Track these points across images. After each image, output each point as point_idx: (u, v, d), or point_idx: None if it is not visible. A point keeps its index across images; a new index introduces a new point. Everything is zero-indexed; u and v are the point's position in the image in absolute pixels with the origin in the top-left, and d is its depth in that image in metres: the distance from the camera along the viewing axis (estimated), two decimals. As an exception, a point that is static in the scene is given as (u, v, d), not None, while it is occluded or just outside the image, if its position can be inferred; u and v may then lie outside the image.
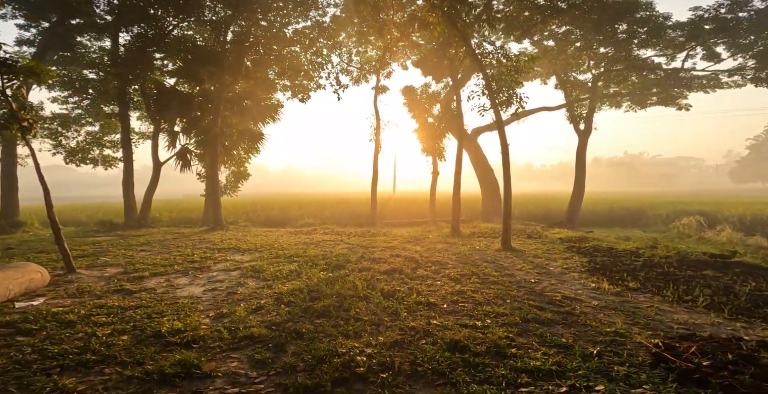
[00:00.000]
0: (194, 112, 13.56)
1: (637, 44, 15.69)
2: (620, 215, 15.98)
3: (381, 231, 13.05)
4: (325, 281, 5.62)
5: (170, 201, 25.13)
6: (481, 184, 16.48)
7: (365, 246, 9.30)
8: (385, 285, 5.39)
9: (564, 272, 6.44)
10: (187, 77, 13.74)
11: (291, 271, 6.39)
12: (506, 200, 8.74)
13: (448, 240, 10.41)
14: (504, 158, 8.91)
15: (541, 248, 8.91)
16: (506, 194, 8.73)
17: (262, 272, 6.33)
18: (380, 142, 15.33)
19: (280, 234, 11.62)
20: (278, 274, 6.15)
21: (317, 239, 10.61)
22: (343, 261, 7.22)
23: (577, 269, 6.61)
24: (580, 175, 13.19)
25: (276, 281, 5.75)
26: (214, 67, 12.95)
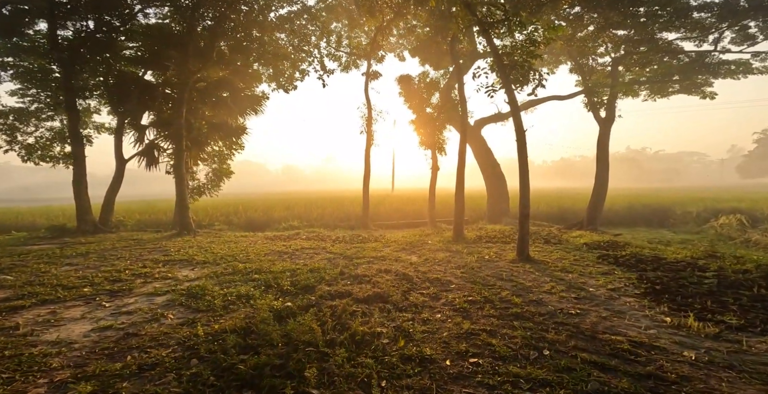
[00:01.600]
0: (159, 103, 11.86)
1: (659, 27, 13.93)
2: (642, 214, 14.28)
3: (373, 235, 11.37)
4: (277, 316, 3.94)
5: (150, 202, 23.50)
6: (487, 181, 14.77)
7: (349, 256, 7.62)
8: (361, 325, 3.70)
9: (612, 296, 4.72)
10: (145, 64, 12.03)
11: (240, 296, 4.71)
12: (524, 198, 7.03)
13: (451, 247, 8.71)
14: (520, 147, 7.19)
15: (567, 258, 7.20)
16: (523, 191, 7.02)
17: (200, 297, 4.65)
18: (372, 135, 13.63)
19: (255, 240, 9.94)
20: (220, 301, 4.47)
21: (295, 246, 8.93)
22: (314, 280, 5.54)
23: (629, 291, 4.89)
24: (603, 168, 11.49)
25: (210, 314, 4.07)
26: (177, 51, 11.26)
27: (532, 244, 8.88)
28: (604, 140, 11.53)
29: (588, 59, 13.92)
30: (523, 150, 7.19)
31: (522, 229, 6.96)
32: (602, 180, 11.39)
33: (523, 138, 7.28)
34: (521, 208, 7.04)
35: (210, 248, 8.59)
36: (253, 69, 15.64)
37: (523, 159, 7.13)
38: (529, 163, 7.40)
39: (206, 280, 5.58)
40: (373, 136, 13.58)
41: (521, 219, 7.02)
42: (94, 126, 15.21)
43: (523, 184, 7.04)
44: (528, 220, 7.00)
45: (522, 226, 6.97)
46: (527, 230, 6.99)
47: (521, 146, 7.20)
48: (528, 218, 7.00)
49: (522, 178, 7.07)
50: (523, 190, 7.04)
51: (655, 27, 13.61)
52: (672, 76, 15.34)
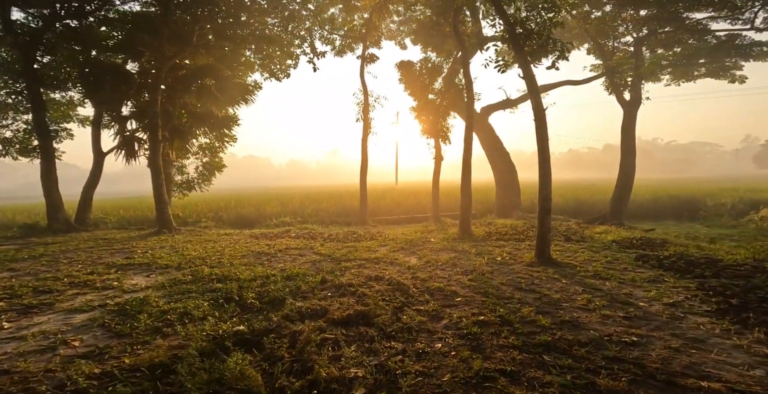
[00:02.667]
0: (136, 92, 10.80)
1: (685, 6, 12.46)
2: (670, 206, 12.97)
3: (371, 232, 10.28)
4: (210, 350, 2.87)
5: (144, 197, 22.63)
6: (495, 172, 13.54)
7: (337, 259, 6.54)
8: (329, 364, 2.61)
9: (675, 315, 3.55)
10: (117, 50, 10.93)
11: (185, 314, 3.66)
12: (544, 189, 5.85)
13: (456, 246, 7.57)
14: (539, 129, 5.99)
15: (597, 259, 6.02)
16: (544, 181, 5.84)
17: (132, 315, 3.61)
18: (370, 122, 12.46)
19: (238, 239, 8.92)
20: (153, 322, 3.42)
21: (280, 246, 7.87)
22: (288, 291, 4.47)
23: (695, 307, 3.72)
24: (628, 156, 10.17)
25: (130, 341, 3.02)
26: (150, 36, 10.17)
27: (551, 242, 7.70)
28: (630, 125, 10.22)
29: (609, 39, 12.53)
30: (543, 132, 5.99)
31: (542, 226, 5.79)
32: (628, 169, 10.08)
33: (542, 118, 6.08)
34: (541, 201, 5.86)
35: (183, 248, 7.57)
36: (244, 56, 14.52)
37: (543, 143, 5.93)
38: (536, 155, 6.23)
39: (154, 291, 4.54)
40: (370, 125, 12.42)
41: (541, 214, 5.84)
42: (78, 119, 14.26)
43: (544, 172, 5.85)
44: (549, 215, 5.83)
45: (542, 222, 5.80)
46: (548, 228, 5.82)
47: (541, 127, 6.00)
48: (549, 213, 5.83)
49: (542, 166, 5.88)
50: (544, 180, 5.85)
51: (679, 6, 12.17)
52: (699, 59, 13.88)
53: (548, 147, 5.95)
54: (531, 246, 7.41)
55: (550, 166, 5.82)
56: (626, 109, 10.37)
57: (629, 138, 10.14)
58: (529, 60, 6.32)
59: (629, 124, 10.18)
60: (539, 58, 6.47)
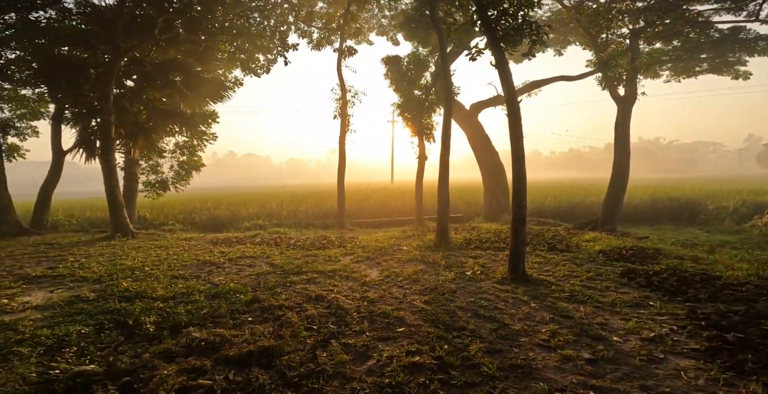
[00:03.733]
0: (89, 86, 10.05)
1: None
2: (668, 209, 12.19)
3: (345, 236, 9.57)
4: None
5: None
6: (483, 172, 12.80)
7: (289, 271, 5.84)
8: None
9: (653, 356, 2.81)
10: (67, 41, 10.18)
11: (52, 344, 2.95)
12: (518, 194, 5.10)
13: (428, 256, 6.84)
14: (513, 127, 5.25)
15: (578, 274, 5.29)
16: (518, 184, 5.09)
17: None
18: (348, 119, 11.72)
19: (195, 245, 8.22)
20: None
21: (236, 253, 7.17)
22: (200, 314, 3.76)
23: (680, 344, 2.97)
24: (622, 156, 9.34)
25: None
26: (103, 27, 9.45)
27: (532, 251, 6.96)
28: (624, 122, 9.43)
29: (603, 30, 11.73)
30: (517, 129, 5.24)
31: (516, 237, 5.04)
32: (621, 170, 9.27)
33: (516, 112, 5.33)
34: (515, 208, 5.11)
35: (123, 257, 6.87)
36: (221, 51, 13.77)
37: (517, 141, 5.18)
38: (536, 154, 5.53)
39: (40, 311, 3.84)
40: (349, 122, 11.68)
41: (514, 223, 5.09)
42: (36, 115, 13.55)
43: (518, 176, 5.10)
44: (524, 224, 5.07)
45: (516, 233, 5.06)
46: (523, 239, 5.07)
47: (515, 123, 5.25)
48: (524, 222, 5.07)
49: (516, 168, 5.13)
50: (518, 184, 5.10)
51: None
52: (700, 53, 13.07)
53: (522, 146, 5.20)
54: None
55: (524, 168, 5.07)
56: (620, 105, 9.59)
57: (623, 136, 9.36)
58: (502, 46, 5.56)
59: (623, 121, 9.40)
60: (513, 43, 5.69)
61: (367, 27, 19.93)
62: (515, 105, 5.28)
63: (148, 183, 13.95)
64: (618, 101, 9.76)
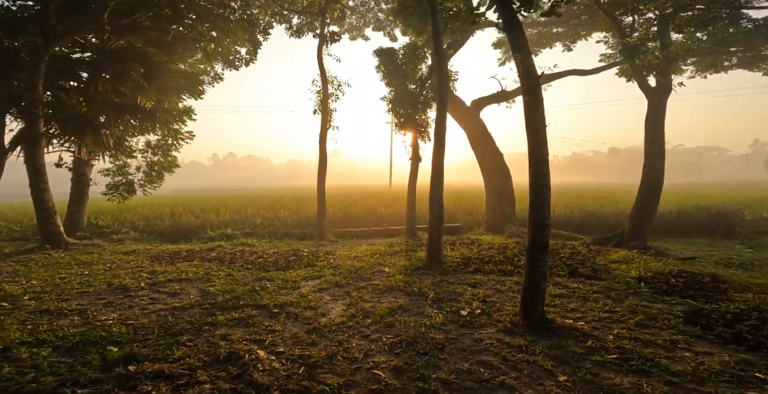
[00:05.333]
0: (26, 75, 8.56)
1: None
2: (696, 220, 10.58)
3: (320, 250, 8.04)
4: None
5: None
6: (485, 175, 11.26)
7: (221, 304, 4.33)
8: None
9: None
10: None
11: None
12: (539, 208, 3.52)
13: (414, 283, 5.28)
14: (531, 112, 3.70)
15: (620, 318, 3.73)
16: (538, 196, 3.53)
17: None
18: (330, 114, 10.22)
19: (128, 261, 6.69)
20: None
21: (171, 274, 5.64)
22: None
23: None
24: (655, 158, 7.61)
25: None
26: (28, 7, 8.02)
27: (548, 277, 5.39)
28: (656, 118, 7.83)
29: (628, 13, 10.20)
30: (537, 116, 3.69)
31: (533, 270, 3.47)
32: (654, 175, 7.57)
33: (535, 89, 3.79)
34: (533, 227, 3.52)
35: (19, 277, 5.34)
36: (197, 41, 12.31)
37: (537, 133, 3.63)
38: None
39: None
40: (331, 117, 10.16)
41: (533, 251, 3.50)
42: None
43: (538, 179, 3.53)
44: (545, 251, 3.49)
45: (534, 263, 3.48)
46: (543, 272, 3.49)
47: (534, 108, 3.71)
48: (545, 248, 3.49)
49: (536, 168, 3.56)
50: (538, 192, 3.53)
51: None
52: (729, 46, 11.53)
53: (545, 139, 3.65)
54: (520, 283, 5.11)
55: (547, 170, 3.52)
56: (652, 98, 8.02)
57: (656, 135, 7.76)
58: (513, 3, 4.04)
59: (656, 117, 7.81)
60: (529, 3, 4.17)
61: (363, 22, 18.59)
62: (534, 80, 3.75)
63: (112, 185, 12.50)
64: (649, 94, 8.21)
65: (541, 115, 3.67)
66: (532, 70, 3.76)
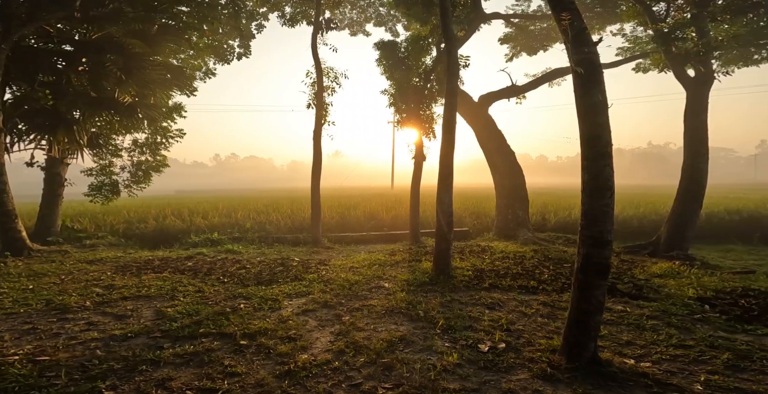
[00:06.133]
0: None
1: None
2: (728, 225, 9.57)
3: (314, 259, 7.14)
4: None
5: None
6: (496, 176, 10.32)
7: (176, 332, 3.45)
8: None
9: None
10: None
11: None
12: (599, 218, 2.54)
13: (419, 303, 4.35)
14: (585, 75, 2.77)
15: (699, 357, 2.78)
16: (598, 202, 2.56)
17: None
18: (326, 109, 9.35)
19: (87, 271, 5.81)
20: None
21: (127, 290, 4.75)
22: None
23: None
24: (696, 156, 6.53)
25: None
26: None
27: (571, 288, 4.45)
28: (697, 112, 6.79)
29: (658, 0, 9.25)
30: (593, 87, 2.78)
31: (584, 299, 2.52)
32: (696, 176, 6.50)
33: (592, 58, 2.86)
34: (587, 245, 2.49)
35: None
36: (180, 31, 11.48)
37: (596, 111, 2.71)
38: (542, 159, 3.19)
39: None
40: (326, 111, 9.28)
41: (589, 276, 2.52)
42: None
43: (597, 182, 2.58)
44: (604, 278, 2.52)
45: (586, 293, 2.52)
46: (600, 306, 2.53)
47: (589, 77, 2.79)
48: (606, 273, 2.52)
49: (595, 167, 2.61)
50: (597, 201, 2.58)
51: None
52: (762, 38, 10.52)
53: (607, 126, 2.70)
54: (549, 304, 4.18)
55: (611, 167, 2.59)
56: (691, 90, 7.03)
57: (698, 131, 6.74)
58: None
59: (696, 110, 6.81)
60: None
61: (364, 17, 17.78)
62: (590, 47, 2.81)
63: (95, 186, 11.68)
64: (688, 85, 7.24)
65: (601, 94, 2.73)
66: (584, 35, 2.83)
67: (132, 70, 9.79)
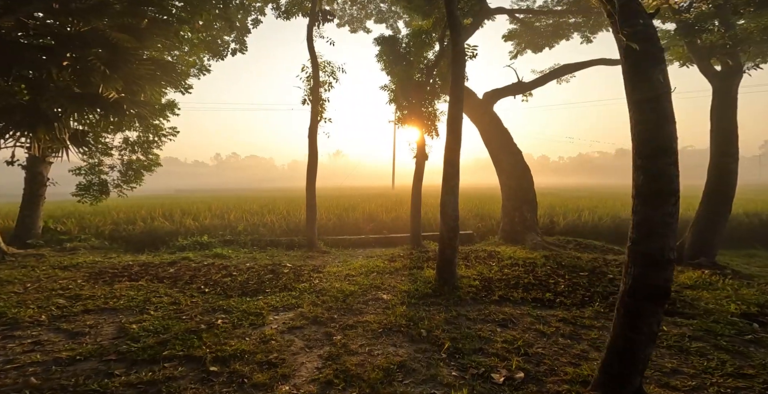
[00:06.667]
0: None
1: None
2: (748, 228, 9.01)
3: (309, 264, 6.64)
4: None
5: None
6: (502, 177, 9.79)
7: (136, 354, 2.91)
8: None
9: None
10: None
11: None
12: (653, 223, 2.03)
13: (422, 318, 3.84)
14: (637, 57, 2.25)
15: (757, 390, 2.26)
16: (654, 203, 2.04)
17: None
18: (322, 105, 8.84)
19: (56, 278, 5.30)
20: None
21: (93, 302, 4.24)
22: None
23: None
24: (723, 155, 5.97)
25: None
26: None
27: (592, 302, 3.93)
28: (725, 107, 6.25)
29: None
30: (654, 64, 2.34)
31: (634, 330, 1.99)
32: (724, 177, 5.81)
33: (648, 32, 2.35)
34: (644, 260, 2.00)
35: None
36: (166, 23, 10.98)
37: (654, 91, 2.41)
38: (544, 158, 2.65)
39: None
40: (322, 108, 8.77)
41: (638, 302, 2.01)
42: None
43: (655, 171, 2.08)
44: (661, 304, 1.98)
45: (637, 321, 1.99)
46: (652, 337, 2.00)
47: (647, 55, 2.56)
48: (664, 299, 1.98)
49: (649, 154, 2.11)
50: (655, 195, 2.07)
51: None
52: None
53: (670, 115, 2.18)
54: (570, 322, 3.66)
55: (676, 166, 2.07)
56: (717, 84, 6.48)
57: (726, 128, 6.18)
58: None
59: (724, 105, 6.26)
60: None
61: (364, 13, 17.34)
62: (645, 19, 2.29)
63: (83, 186, 11.20)
64: (714, 79, 6.70)
65: (662, 75, 2.20)
66: (636, 3, 2.30)
67: (118, 65, 9.28)
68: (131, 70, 9.51)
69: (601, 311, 3.92)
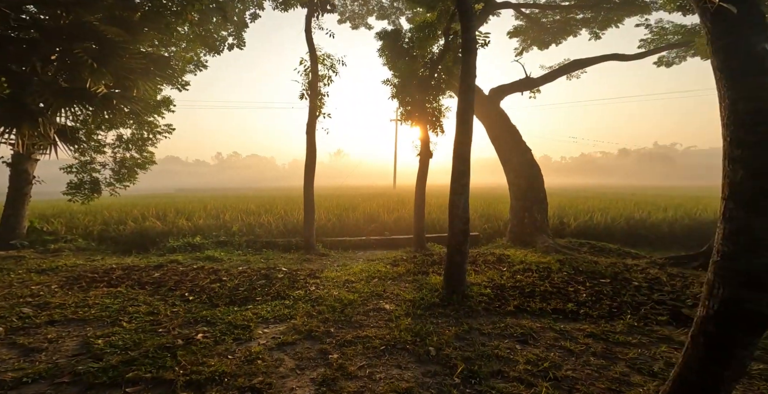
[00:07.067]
0: None
1: None
2: None
3: (306, 268, 6.19)
4: None
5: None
6: (510, 176, 9.32)
7: (97, 376, 2.42)
8: None
9: None
10: None
11: None
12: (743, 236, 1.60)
13: (429, 331, 3.38)
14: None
15: None
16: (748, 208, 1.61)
17: None
18: (321, 100, 8.40)
19: (31, 283, 4.87)
20: None
21: (61, 312, 3.80)
22: None
23: None
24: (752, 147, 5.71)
25: None
26: None
27: (621, 313, 3.46)
28: None
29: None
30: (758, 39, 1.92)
31: (719, 361, 1.57)
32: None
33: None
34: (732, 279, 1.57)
35: None
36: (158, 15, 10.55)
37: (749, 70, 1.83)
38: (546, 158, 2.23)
39: None
40: (321, 103, 8.32)
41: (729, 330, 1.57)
42: None
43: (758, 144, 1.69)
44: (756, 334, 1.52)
45: (721, 355, 1.56)
46: (743, 370, 1.57)
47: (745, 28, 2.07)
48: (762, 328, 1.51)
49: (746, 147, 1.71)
50: (750, 202, 1.72)
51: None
52: None
53: None
54: (600, 337, 3.20)
55: None
56: None
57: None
58: None
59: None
60: None
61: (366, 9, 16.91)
62: None
63: (74, 184, 10.79)
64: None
65: (761, 57, 1.75)
66: None
67: (107, 59, 8.86)
68: (122, 63, 9.08)
69: (635, 325, 3.45)
